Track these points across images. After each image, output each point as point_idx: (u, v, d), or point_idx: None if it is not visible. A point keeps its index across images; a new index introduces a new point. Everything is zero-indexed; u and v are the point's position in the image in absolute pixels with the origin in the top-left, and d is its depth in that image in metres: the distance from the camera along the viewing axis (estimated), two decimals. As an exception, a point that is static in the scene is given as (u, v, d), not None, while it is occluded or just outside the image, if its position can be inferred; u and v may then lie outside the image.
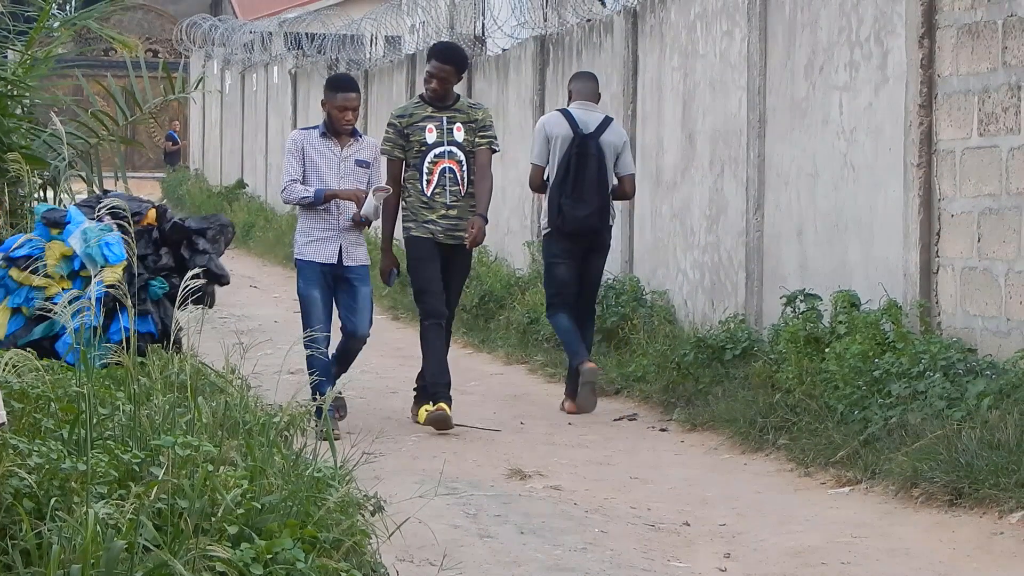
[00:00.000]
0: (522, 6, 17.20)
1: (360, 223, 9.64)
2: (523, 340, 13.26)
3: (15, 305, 8.06)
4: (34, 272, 7.98)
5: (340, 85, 9.77)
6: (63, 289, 7.63)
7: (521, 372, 12.61)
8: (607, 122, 10.67)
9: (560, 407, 10.60)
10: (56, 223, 8.13)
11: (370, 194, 9.52)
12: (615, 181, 10.65)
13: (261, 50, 31.34)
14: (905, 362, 8.54)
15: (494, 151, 9.97)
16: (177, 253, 8.44)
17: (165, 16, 48.81)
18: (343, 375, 9.61)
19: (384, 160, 9.92)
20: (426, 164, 9.84)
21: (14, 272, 8.05)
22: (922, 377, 8.36)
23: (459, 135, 9.85)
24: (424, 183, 9.82)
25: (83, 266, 7.99)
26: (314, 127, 9.84)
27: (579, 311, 10.75)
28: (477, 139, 9.87)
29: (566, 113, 10.66)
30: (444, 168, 9.83)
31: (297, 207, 9.87)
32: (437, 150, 9.84)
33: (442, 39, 19.95)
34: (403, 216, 9.98)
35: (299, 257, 9.73)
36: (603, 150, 10.51)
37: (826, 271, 10.15)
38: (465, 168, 9.86)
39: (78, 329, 5.76)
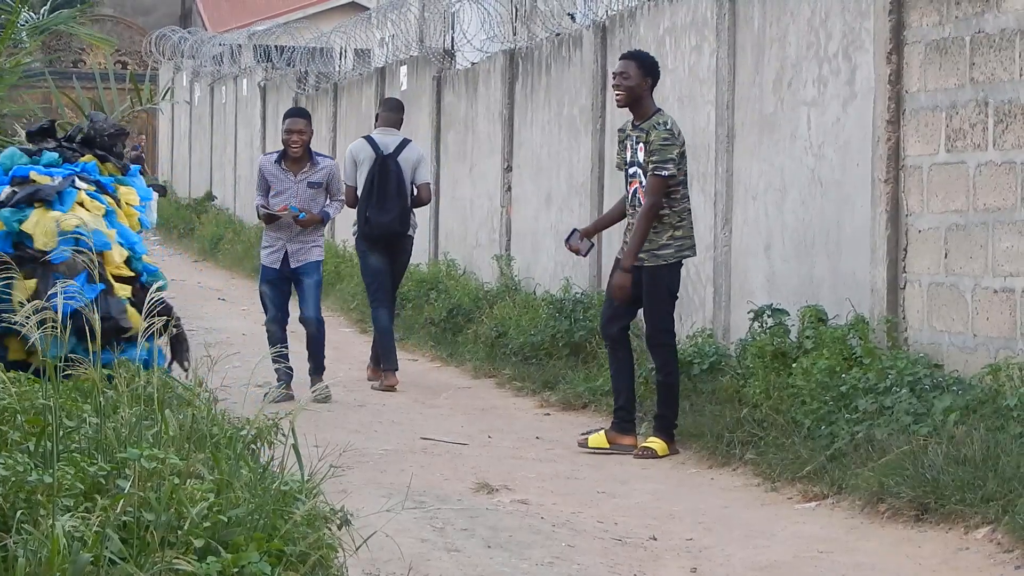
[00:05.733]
0: (491, 20, 17.23)
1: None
2: (491, 353, 13.25)
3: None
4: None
5: (288, 113, 12.00)
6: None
7: (489, 385, 12.60)
8: (405, 143, 12.50)
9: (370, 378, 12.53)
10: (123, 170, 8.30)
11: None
12: (416, 191, 12.49)
13: (230, 62, 31.28)
14: (872, 377, 8.56)
15: (658, 176, 9.33)
16: None
17: (134, 28, 48.70)
18: (322, 370, 11.72)
19: (340, 177, 11.98)
20: (627, 183, 9.65)
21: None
22: (889, 392, 8.39)
23: (641, 155, 9.46)
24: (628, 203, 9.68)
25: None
26: (275, 152, 11.95)
27: None
28: (647, 162, 9.42)
29: (369, 139, 12.55)
30: (634, 189, 9.54)
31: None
32: (630, 170, 9.57)
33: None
34: None
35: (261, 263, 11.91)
36: (401, 166, 12.36)
37: (794, 286, 10.17)
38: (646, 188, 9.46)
39: None
